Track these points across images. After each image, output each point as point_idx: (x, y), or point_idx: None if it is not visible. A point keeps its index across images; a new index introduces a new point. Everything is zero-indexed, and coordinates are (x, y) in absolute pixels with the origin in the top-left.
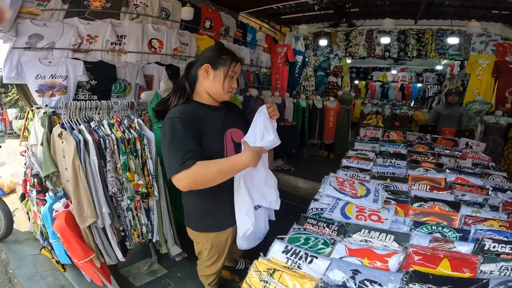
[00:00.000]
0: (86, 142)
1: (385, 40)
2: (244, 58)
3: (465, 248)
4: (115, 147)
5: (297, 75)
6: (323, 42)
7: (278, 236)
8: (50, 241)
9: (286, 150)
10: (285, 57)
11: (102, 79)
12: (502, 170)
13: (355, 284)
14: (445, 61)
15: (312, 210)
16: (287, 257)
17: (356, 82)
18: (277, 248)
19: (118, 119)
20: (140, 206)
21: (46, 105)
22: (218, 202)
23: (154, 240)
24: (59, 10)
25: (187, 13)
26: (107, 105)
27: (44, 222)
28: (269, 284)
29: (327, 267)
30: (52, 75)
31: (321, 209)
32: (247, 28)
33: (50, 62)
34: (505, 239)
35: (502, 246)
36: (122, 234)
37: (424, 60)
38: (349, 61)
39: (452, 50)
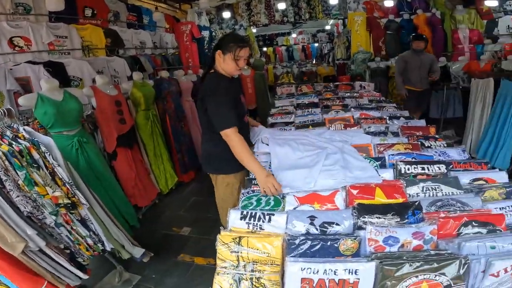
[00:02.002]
0: None
1: (281, 5)
2: (146, 41)
3: (387, 174)
4: (6, 163)
5: (206, 50)
6: (226, 15)
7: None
8: None
9: None
10: (190, 34)
11: None
12: (392, 102)
13: (317, 229)
14: (331, 21)
15: None
16: (246, 223)
17: (265, 49)
18: (234, 216)
19: None
20: (72, 219)
21: None
22: None
23: (108, 249)
24: None
25: (54, 4)
26: None
27: None
28: (241, 252)
29: (286, 221)
30: None
31: None
32: (142, 11)
33: None
34: (413, 160)
35: (414, 167)
36: (68, 251)
37: (316, 21)
38: (254, 30)
39: (334, 10)
